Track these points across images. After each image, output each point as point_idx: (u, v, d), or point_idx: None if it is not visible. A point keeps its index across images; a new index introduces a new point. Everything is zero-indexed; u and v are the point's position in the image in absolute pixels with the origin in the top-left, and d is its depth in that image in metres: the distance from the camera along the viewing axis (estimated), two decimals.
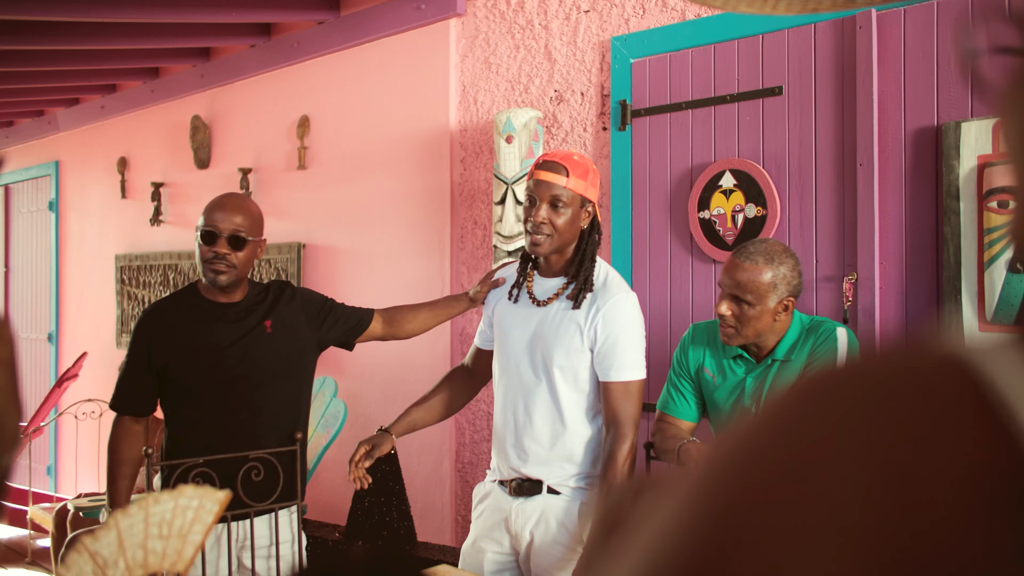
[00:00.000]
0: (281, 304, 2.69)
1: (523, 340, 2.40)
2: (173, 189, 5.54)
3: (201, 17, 4.28)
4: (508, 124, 3.46)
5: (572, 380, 2.33)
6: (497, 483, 2.47)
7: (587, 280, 2.35)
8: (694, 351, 2.43)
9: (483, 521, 2.47)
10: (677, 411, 2.44)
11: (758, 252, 2.21)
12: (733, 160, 2.98)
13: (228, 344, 2.57)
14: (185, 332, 2.57)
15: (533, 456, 2.37)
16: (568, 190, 2.32)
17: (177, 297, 2.65)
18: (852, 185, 2.74)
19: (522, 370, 2.40)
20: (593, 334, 2.30)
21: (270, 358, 2.62)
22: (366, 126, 4.31)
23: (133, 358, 2.58)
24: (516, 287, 2.48)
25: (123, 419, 2.61)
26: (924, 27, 2.62)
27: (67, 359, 6.42)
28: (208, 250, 2.53)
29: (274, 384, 2.63)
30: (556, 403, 2.34)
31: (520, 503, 2.38)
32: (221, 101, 5.18)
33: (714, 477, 0.38)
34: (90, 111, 6.20)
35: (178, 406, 2.60)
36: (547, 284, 2.43)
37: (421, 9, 3.97)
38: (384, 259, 4.20)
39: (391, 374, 4.09)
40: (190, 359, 2.55)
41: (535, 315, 2.40)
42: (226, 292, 2.61)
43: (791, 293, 2.22)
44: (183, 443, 2.55)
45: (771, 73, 2.92)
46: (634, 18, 3.29)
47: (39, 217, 7.03)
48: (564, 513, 2.34)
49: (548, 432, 2.35)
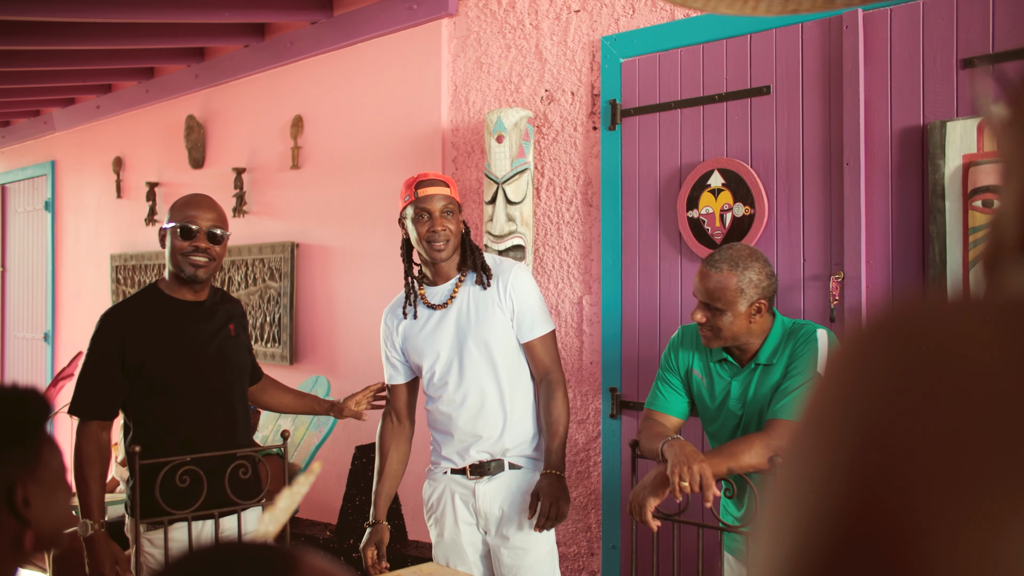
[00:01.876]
0: (238, 312, 2.81)
1: (450, 338, 2.63)
2: (168, 189, 5.55)
3: (195, 17, 4.30)
4: (499, 124, 3.47)
5: (508, 353, 2.61)
6: (449, 473, 2.65)
7: (484, 266, 2.64)
8: (684, 353, 2.45)
9: (449, 511, 2.64)
10: (666, 407, 2.45)
11: (723, 260, 2.25)
12: (721, 159, 2.99)
13: (203, 341, 2.63)
14: (159, 330, 2.58)
15: (490, 438, 2.59)
16: (451, 197, 2.63)
17: (141, 297, 2.66)
18: (839, 184, 2.75)
19: (460, 362, 2.61)
20: (510, 304, 2.61)
21: (238, 357, 2.72)
22: (359, 126, 4.32)
23: (100, 359, 2.54)
24: (409, 305, 2.70)
25: (89, 426, 2.54)
26: (910, 27, 2.63)
27: (63, 358, 6.43)
28: (188, 244, 2.58)
29: (243, 381, 2.74)
30: (498, 380, 2.59)
31: (484, 483, 2.60)
32: (215, 101, 5.20)
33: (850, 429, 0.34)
34: (86, 111, 6.22)
35: (152, 405, 2.57)
36: (441, 289, 2.69)
37: (413, 9, 3.98)
38: (377, 258, 4.21)
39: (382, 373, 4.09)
40: (167, 356, 2.57)
41: (446, 315, 2.64)
42: (194, 290, 2.66)
43: (761, 296, 2.24)
44: (157, 442, 2.54)
45: (759, 73, 2.93)
46: (624, 18, 3.30)
47: (35, 217, 7.04)
48: (528, 483, 2.60)
49: (498, 410, 2.59)
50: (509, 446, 2.60)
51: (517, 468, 2.61)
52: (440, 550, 2.65)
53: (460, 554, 2.61)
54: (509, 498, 2.59)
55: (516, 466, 2.61)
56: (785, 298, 2.85)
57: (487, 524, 2.61)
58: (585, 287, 3.43)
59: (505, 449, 2.60)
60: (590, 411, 3.40)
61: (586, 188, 3.42)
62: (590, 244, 3.40)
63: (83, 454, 2.52)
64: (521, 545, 2.56)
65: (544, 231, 3.54)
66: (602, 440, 3.34)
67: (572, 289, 3.46)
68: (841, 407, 0.35)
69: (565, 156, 3.49)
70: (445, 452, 2.66)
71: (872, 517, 0.31)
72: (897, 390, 0.33)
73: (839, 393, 0.35)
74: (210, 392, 2.61)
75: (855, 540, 0.31)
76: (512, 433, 2.60)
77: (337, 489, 4.11)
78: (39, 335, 6.90)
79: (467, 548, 2.62)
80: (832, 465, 0.33)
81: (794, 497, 0.34)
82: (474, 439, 2.60)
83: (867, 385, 0.34)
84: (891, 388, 0.33)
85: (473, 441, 2.60)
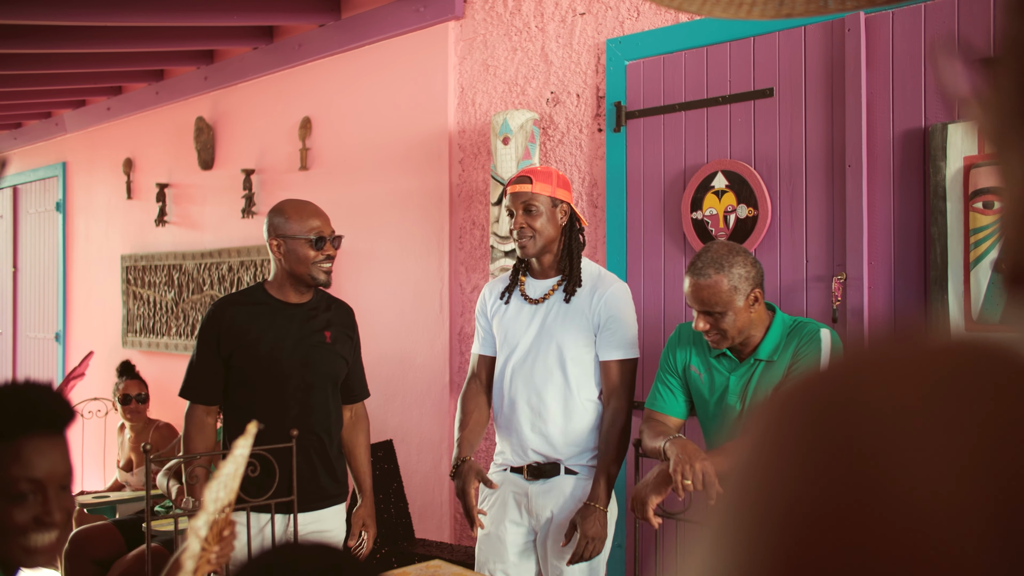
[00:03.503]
0: (340, 321, 2.87)
1: (531, 334, 2.63)
2: (177, 190, 5.60)
3: (204, 20, 4.34)
4: (505, 126, 3.50)
5: (583, 364, 2.59)
6: (508, 470, 2.66)
7: (575, 276, 2.61)
8: (681, 350, 2.48)
9: (499, 508, 2.65)
10: (665, 407, 2.48)
11: (706, 265, 2.26)
12: (725, 161, 3.02)
13: (291, 342, 2.74)
14: (251, 325, 2.73)
15: (550, 440, 2.59)
16: (535, 193, 2.60)
17: (246, 293, 2.84)
18: (841, 186, 2.78)
19: (533, 361, 2.61)
20: (597, 318, 2.57)
21: (326, 365, 2.79)
22: (367, 127, 4.36)
23: (203, 347, 2.75)
24: (507, 291, 2.71)
25: (195, 410, 2.76)
26: (912, 30, 2.65)
27: (74, 358, 6.49)
28: (319, 254, 2.73)
29: (326, 389, 2.80)
30: (568, 387, 2.58)
31: (539, 485, 2.61)
32: (224, 103, 5.24)
33: (753, 519, 0.32)
34: (96, 113, 6.27)
35: (234, 395, 2.75)
36: (540, 284, 2.68)
37: (420, 12, 4.01)
38: (384, 259, 4.24)
39: (391, 372, 4.13)
40: (252, 351, 2.71)
41: (537, 312, 2.64)
42: (300, 292, 2.79)
43: (755, 285, 2.26)
44: (235, 431, 2.60)
45: (762, 75, 2.96)
46: (629, 20, 3.33)
47: (46, 218, 7.10)
48: (582, 491, 2.57)
49: (562, 416, 2.58)
50: (567, 453, 2.59)
51: (573, 474, 2.60)
52: (482, 542, 2.68)
53: (499, 551, 2.63)
54: (561, 502, 2.58)
55: (572, 471, 2.60)
56: (788, 299, 2.87)
57: (538, 525, 2.62)
58: None
59: (563, 455, 2.59)
60: None
61: (591, 189, 3.45)
62: (595, 245, 3.43)
63: (189, 435, 2.74)
64: (572, 568, 2.55)
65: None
66: None
67: None
68: (755, 480, 0.33)
69: (570, 158, 3.52)
70: (506, 450, 2.68)
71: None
72: (806, 474, 0.31)
73: (755, 464, 0.33)
74: (288, 392, 2.72)
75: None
76: (571, 442, 2.59)
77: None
78: (50, 335, 6.96)
79: (509, 547, 2.63)
80: (746, 544, 0.32)
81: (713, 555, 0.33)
82: (534, 440, 2.60)
83: (779, 464, 0.32)
84: (800, 471, 0.31)
85: (532, 442, 2.60)
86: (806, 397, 0.33)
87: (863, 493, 0.29)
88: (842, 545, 0.28)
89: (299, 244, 2.73)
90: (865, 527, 0.28)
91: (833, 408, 0.32)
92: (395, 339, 4.15)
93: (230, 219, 5.12)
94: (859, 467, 0.29)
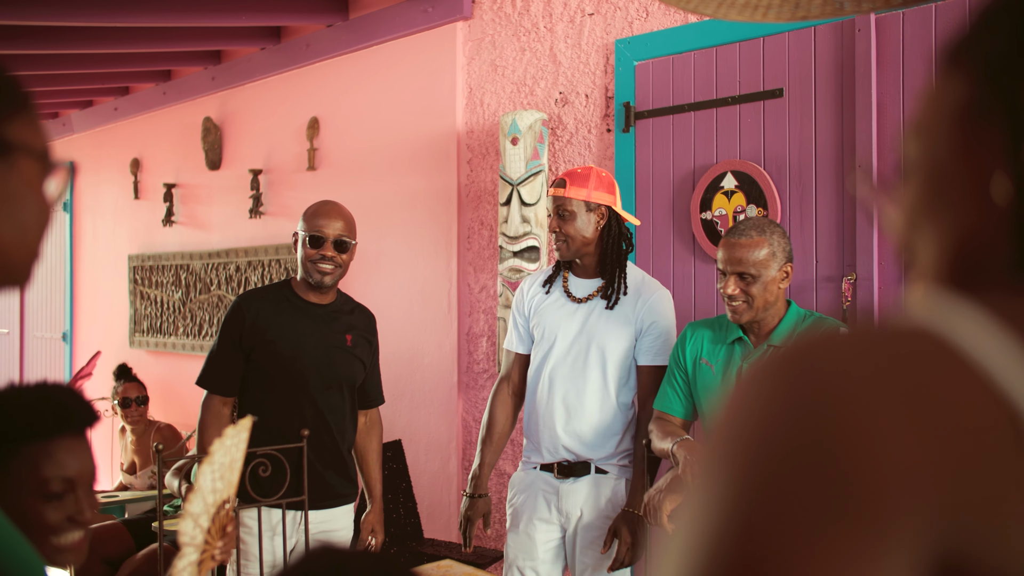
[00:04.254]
0: (362, 326, 2.88)
1: (572, 332, 2.62)
2: (185, 190, 5.61)
3: (212, 21, 4.34)
4: (513, 126, 3.50)
5: (622, 368, 2.59)
6: (538, 468, 2.66)
7: (616, 283, 2.60)
8: (691, 343, 2.47)
9: (529, 505, 2.65)
10: (672, 407, 2.48)
11: (749, 227, 2.28)
12: (735, 161, 3.02)
13: (311, 342, 2.74)
14: (274, 321, 2.74)
15: (583, 439, 2.59)
16: (568, 198, 2.58)
17: (271, 289, 2.85)
18: (851, 186, 2.77)
19: (573, 360, 2.61)
20: (640, 322, 2.58)
21: (344, 368, 2.79)
22: (375, 127, 4.36)
23: (225, 338, 2.75)
24: (549, 281, 2.71)
25: (212, 400, 2.75)
26: (923, 30, 2.65)
27: (81, 358, 6.50)
28: (315, 252, 2.71)
29: (343, 391, 2.80)
30: (606, 388, 2.58)
31: (570, 484, 2.60)
32: (232, 103, 5.25)
33: (735, 472, 0.40)
34: (103, 113, 6.28)
35: (253, 390, 2.75)
36: (585, 284, 2.67)
37: (428, 12, 4.02)
38: (392, 259, 4.25)
39: (399, 371, 4.14)
40: (272, 348, 2.71)
41: (579, 310, 2.63)
42: (320, 293, 2.78)
43: (787, 259, 2.28)
44: (256, 426, 2.62)
45: (772, 75, 2.96)
46: (637, 21, 3.33)
47: (53, 217, 7.11)
48: (611, 491, 2.58)
49: (597, 415, 2.58)
50: (598, 454, 2.59)
51: (603, 473, 2.60)
52: (512, 540, 2.67)
53: (531, 551, 2.62)
54: (591, 502, 2.58)
55: (603, 471, 2.60)
56: (798, 299, 2.87)
57: (567, 523, 2.62)
58: None
59: (594, 454, 2.59)
60: None
61: None
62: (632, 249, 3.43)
63: (204, 424, 2.73)
64: (599, 565, 2.57)
65: None
66: None
67: None
68: (735, 438, 0.42)
69: (579, 158, 3.52)
70: (537, 447, 2.67)
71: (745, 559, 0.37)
72: (786, 415, 0.40)
73: (735, 424, 0.42)
74: (305, 393, 2.72)
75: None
76: (603, 443, 2.59)
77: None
78: (57, 335, 6.97)
79: (539, 546, 2.62)
80: (721, 502, 0.40)
81: (694, 523, 0.41)
82: (566, 438, 2.59)
83: (753, 428, 0.41)
84: (781, 413, 0.40)
85: (564, 440, 2.60)
86: (791, 358, 0.43)
87: (829, 425, 0.39)
88: (812, 465, 0.38)
89: (301, 241, 2.76)
90: (827, 446, 0.38)
91: (809, 365, 0.42)
92: (403, 339, 4.15)
93: (237, 219, 5.13)
94: (826, 409, 0.39)
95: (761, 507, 0.38)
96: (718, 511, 0.39)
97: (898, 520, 0.36)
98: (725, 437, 0.42)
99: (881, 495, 0.37)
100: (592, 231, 2.59)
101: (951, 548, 0.37)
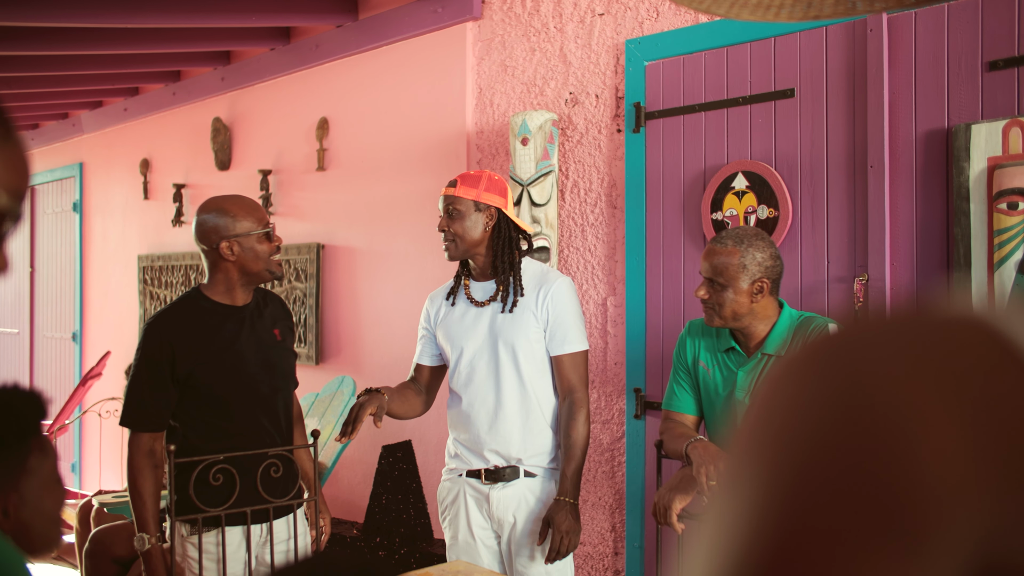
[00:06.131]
0: (282, 315, 2.76)
1: (480, 336, 2.63)
2: (194, 190, 5.62)
3: (222, 22, 4.35)
4: (523, 126, 3.50)
5: (535, 362, 2.60)
6: (464, 476, 2.65)
7: (509, 286, 2.60)
8: (691, 344, 2.49)
9: (461, 514, 2.64)
10: (680, 406, 2.48)
11: (729, 236, 2.31)
12: (745, 162, 3.01)
13: (251, 348, 2.60)
14: (207, 338, 2.54)
15: (508, 439, 2.59)
16: (458, 197, 2.60)
17: (184, 304, 2.60)
18: (863, 187, 2.77)
19: (487, 362, 2.61)
20: (545, 315, 2.59)
21: (283, 364, 2.70)
22: (384, 128, 4.36)
23: (152, 371, 2.49)
24: (453, 293, 2.72)
25: (141, 438, 2.50)
26: (935, 30, 2.64)
27: (91, 358, 6.52)
28: (272, 246, 2.61)
29: (287, 389, 2.72)
30: (523, 385, 2.59)
31: (499, 489, 2.60)
32: (241, 103, 5.26)
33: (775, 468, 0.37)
34: (113, 113, 6.30)
35: (199, 413, 2.54)
36: (484, 286, 2.68)
37: (438, 12, 4.02)
38: (402, 259, 4.25)
39: (407, 372, 4.13)
40: (216, 365, 2.53)
41: (483, 313, 2.64)
42: (245, 292, 2.64)
43: (764, 275, 2.27)
44: (203, 450, 2.52)
45: (783, 76, 2.95)
46: (648, 21, 3.33)
47: (63, 218, 7.14)
48: (542, 491, 2.60)
49: (519, 414, 2.59)
50: (525, 455, 2.59)
51: (532, 476, 2.60)
52: (454, 552, 2.66)
53: (475, 557, 2.61)
54: (524, 507, 2.59)
55: (531, 474, 2.60)
56: (809, 300, 2.87)
57: (500, 530, 2.61)
58: (609, 288, 3.46)
59: (521, 457, 2.59)
60: (614, 412, 3.42)
61: (610, 190, 3.45)
62: (614, 246, 3.43)
63: (135, 467, 2.48)
64: (537, 570, 2.56)
65: (569, 233, 3.57)
66: (626, 440, 3.36)
67: (596, 290, 3.49)
68: (768, 436, 0.39)
69: (589, 158, 3.51)
70: (462, 454, 2.66)
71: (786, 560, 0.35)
72: (822, 408, 0.37)
73: (767, 420, 0.39)
74: (257, 401, 2.59)
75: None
76: (529, 442, 2.59)
77: (364, 488, 4.17)
78: (67, 335, 7.00)
79: (482, 551, 2.62)
80: (759, 499, 0.37)
81: (728, 517, 0.38)
82: (490, 443, 2.59)
83: (792, 422, 0.38)
84: (816, 405, 0.37)
85: (489, 444, 2.59)
86: (826, 350, 0.40)
87: (868, 422, 0.36)
88: (851, 463, 0.35)
89: (252, 240, 2.57)
90: (868, 448, 0.35)
91: (847, 358, 0.39)
92: (412, 339, 4.14)
93: None
94: (865, 407, 0.36)
95: (793, 516, 0.36)
96: (748, 516, 0.37)
97: (943, 529, 0.34)
98: (755, 437, 0.40)
99: (926, 503, 0.35)
100: (480, 232, 2.60)
101: (995, 554, 0.35)
